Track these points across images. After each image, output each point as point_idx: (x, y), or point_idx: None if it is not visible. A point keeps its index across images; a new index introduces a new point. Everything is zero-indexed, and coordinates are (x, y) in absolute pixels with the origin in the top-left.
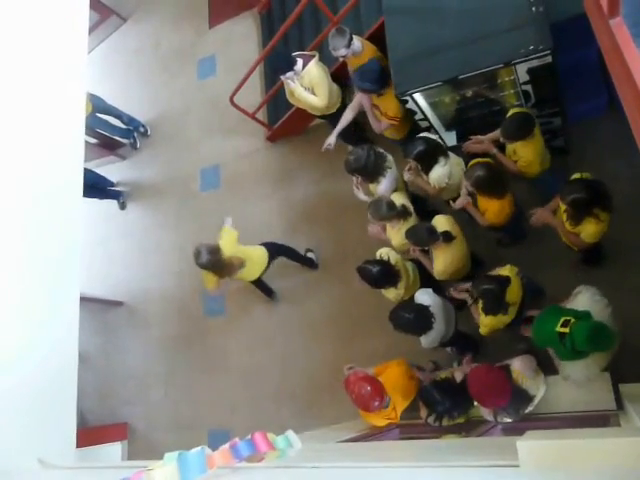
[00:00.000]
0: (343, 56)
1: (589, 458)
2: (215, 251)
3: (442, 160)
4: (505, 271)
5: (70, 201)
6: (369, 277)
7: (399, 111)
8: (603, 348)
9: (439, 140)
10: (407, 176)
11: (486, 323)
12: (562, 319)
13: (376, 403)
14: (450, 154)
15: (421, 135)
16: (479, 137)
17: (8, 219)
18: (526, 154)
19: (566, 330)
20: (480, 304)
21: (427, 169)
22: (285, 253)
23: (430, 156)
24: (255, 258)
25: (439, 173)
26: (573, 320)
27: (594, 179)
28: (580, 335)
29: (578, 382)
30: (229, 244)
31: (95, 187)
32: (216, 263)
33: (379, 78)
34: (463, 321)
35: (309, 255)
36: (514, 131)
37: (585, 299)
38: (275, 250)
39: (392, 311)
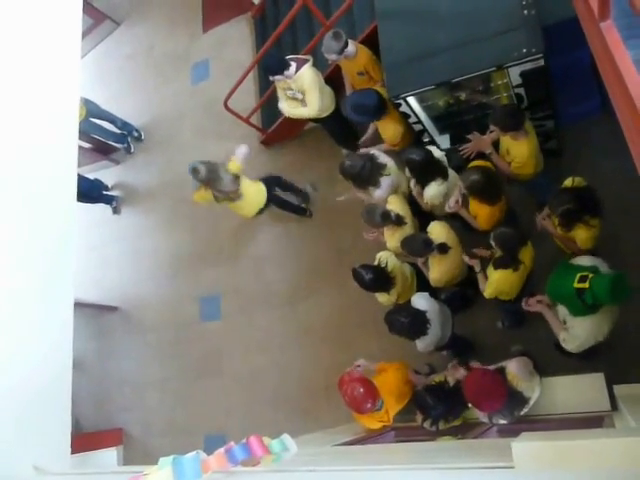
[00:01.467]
0: (334, 60)
1: (583, 459)
2: (213, 169)
3: (439, 180)
4: None
5: (64, 206)
6: (362, 282)
7: (396, 138)
8: (623, 298)
9: (443, 159)
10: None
11: (495, 279)
12: (578, 275)
13: (368, 405)
14: (450, 174)
15: (427, 147)
16: (478, 135)
17: (1, 224)
18: (520, 154)
19: (585, 285)
20: (491, 262)
21: (422, 183)
22: (282, 187)
23: (424, 170)
24: (252, 194)
25: (434, 191)
26: (591, 275)
27: (582, 187)
28: (603, 288)
29: (586, 342)
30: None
31: (87, 195)
32: (213, 178)
33: (374, 110)
34: (459, 325)
35: (307, 189)
36: (503, 118)
37: (587, 258)
38: (274, 182)
39: (388, 314)
